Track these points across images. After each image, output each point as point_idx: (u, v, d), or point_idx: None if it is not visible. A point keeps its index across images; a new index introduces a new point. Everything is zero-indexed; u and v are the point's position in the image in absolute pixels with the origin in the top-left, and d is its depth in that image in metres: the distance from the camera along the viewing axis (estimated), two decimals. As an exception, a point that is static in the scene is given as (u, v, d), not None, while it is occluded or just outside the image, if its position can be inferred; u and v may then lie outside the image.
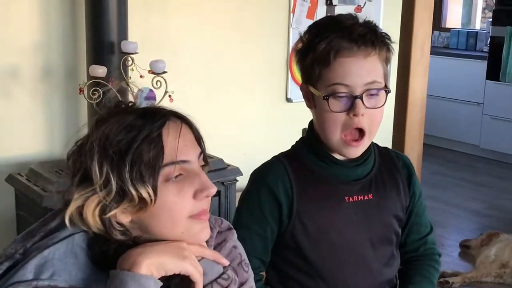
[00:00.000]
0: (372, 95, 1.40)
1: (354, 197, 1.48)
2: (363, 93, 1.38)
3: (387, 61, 1.44)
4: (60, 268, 1.02)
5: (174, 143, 1.04)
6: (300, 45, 1.47)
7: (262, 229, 1.48)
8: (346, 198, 1.47)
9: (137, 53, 2.45)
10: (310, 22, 3.40)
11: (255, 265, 1.44)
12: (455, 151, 6.10)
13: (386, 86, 1.42)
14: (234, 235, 1.20)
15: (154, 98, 2.55)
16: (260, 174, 1.51)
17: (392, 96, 3.64)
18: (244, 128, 3.30)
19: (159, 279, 1.02)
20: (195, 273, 1.05)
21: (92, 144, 1.01)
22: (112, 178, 1.00)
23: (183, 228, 1.06)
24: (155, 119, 1.04)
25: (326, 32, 1.40)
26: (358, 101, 1.37)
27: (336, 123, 1.40)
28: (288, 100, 3.42)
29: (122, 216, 1.04)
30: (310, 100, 1.47)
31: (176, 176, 1.05)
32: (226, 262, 1.12)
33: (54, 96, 2.70)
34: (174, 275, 1.04)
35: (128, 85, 2.46)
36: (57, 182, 2.30)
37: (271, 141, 3.26)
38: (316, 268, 1.48)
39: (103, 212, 1.02)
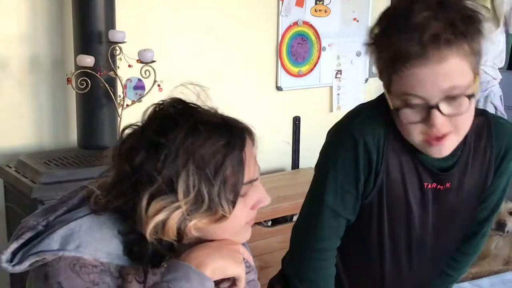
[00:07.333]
0: (452, 100, 1.20)
1: (433, 184, 1.38)
2: (440, 101, 1.18)
3: (473, 52, 1.19)
4: (85, 240, 1.05)
5: (251, 162, 1.12)
6: (369, 37, 1.27)
7: (354, 188, 1.37)
8: (425, 184, 1.38)
9: (125, 42, 2.43)
10: (299, 9, 3.41)
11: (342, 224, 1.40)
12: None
13: (471, 86, 1.19)
14: None
15: (143, 88, 2.54)
16: (359, 129, 1.34)
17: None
18: (234, 116, 3.28)
19: None
20: (244, 277, 1.13)
21: (186, 160, 1.04)
22: (205, 196, 1.04)
23: (238, 233, 1.14)
24: (237, 135, 1.12)
25: (393, 32, 1.19)
26: (434, 111, 1.18)
27: (413, 131, 1.25)
28: (278, 88, 3.40)
29: (193, 226, 1.08)
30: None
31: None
32: (252, 262, 1.23)
33: (42, 86, 2.68)
34: (226, 278, 1.11)
35: (116, 74, 2.45)
36: (46, 173, 2.28)
37: (262, 130, 3.23)
38: (377, 245, 1.42)
39: (180, 223, 1.06)
